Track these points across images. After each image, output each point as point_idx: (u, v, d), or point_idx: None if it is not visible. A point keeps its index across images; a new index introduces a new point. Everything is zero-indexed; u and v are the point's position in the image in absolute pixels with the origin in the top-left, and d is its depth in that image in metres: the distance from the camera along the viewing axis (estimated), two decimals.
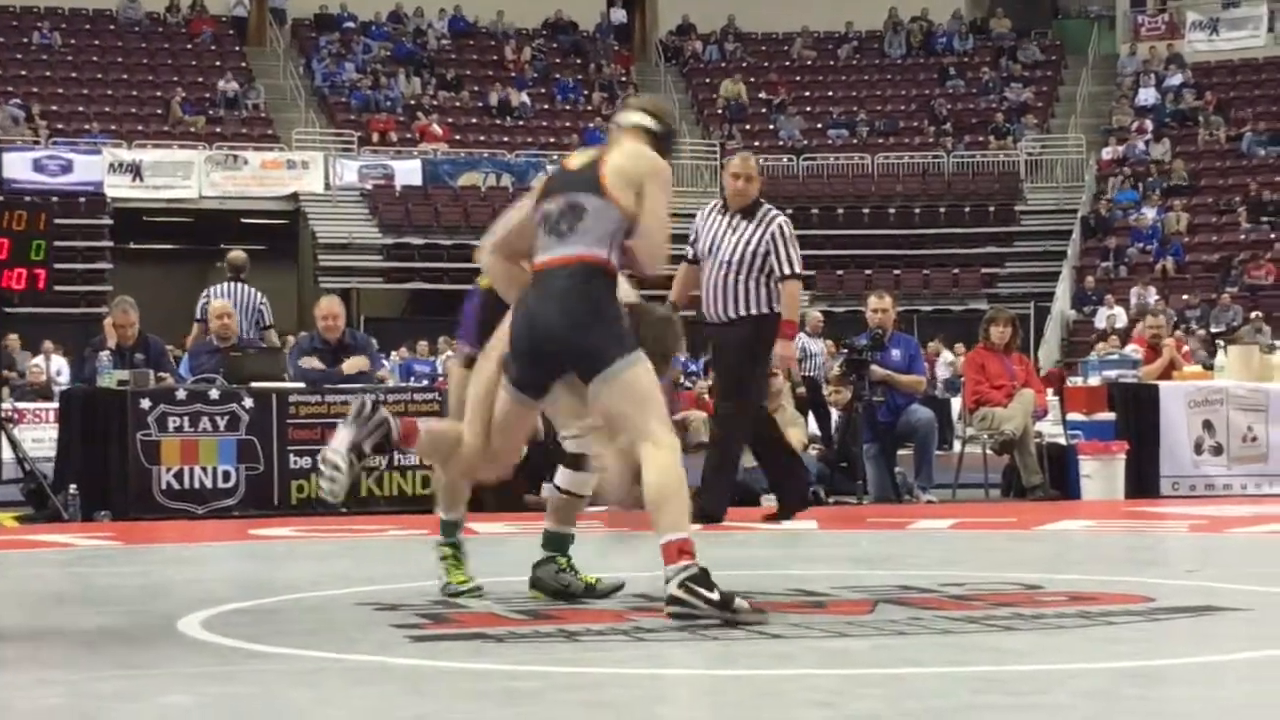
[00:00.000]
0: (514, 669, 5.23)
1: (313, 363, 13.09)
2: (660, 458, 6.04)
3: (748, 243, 11.18)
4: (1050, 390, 15.68)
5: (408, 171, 36.89)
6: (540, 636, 5.90)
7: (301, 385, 12.70)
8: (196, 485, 12.14)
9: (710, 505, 10.95)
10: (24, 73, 37.61)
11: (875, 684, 4.98)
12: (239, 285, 14.95)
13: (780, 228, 11.29)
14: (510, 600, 6.77)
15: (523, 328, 6.27)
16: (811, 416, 16.50)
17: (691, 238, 11.53)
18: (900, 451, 14.01)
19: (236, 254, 15.38)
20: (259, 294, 15.00)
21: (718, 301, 11.21)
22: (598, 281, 6.24)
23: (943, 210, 38.32)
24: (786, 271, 11.22)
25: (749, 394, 11.36)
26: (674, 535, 5.97)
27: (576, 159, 6.64)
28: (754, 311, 11.19)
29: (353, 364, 13.11)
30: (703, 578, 5.94)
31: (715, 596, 5.89)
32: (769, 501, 12.58)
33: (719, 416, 11.61)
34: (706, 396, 26.36)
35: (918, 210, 38.18)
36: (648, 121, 6.65)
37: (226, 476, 12.21)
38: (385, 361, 21.19)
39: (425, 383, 22.41)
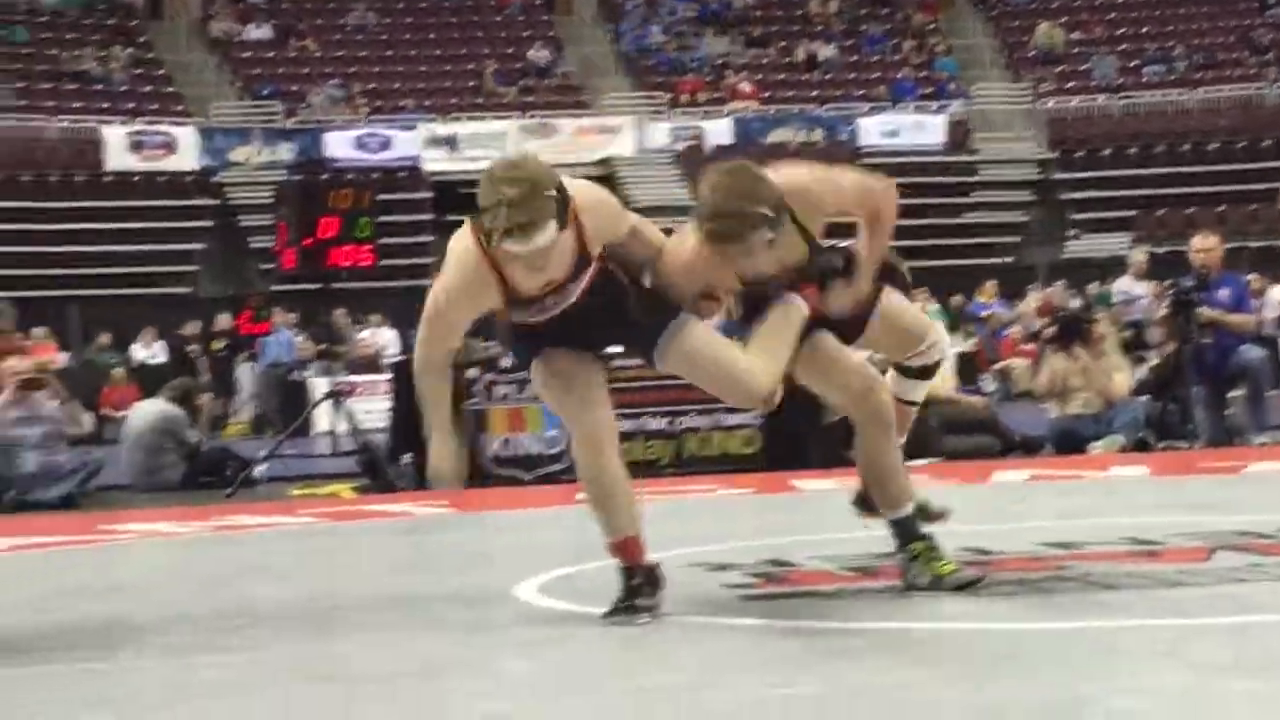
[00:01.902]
0: (845, 626, 5.23)
1: None
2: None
3: None
4: None
5: (718, 131, 36.92)
6: (872, 593, 5.88)
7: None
8: (525, 452, 12.34)
9: None
10: (342, 53, 38.47)
11: (1217, 633, 4.88)
12: None
13: None
14: (840, 558, 6.73)
15: None
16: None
17: None
18: (1231, 393, 13.67)
19: None
20: None
21: None
22: None
23: (1267, 143, 37.22)
24: None
25: None
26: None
27: None
28: None
29: None
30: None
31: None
32: (1096, 448, 12.41)
33: None
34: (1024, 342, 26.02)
35: (1241, 145, 37.14)
36: None
37: (553, 442, 12.38)
38: None
39: None
